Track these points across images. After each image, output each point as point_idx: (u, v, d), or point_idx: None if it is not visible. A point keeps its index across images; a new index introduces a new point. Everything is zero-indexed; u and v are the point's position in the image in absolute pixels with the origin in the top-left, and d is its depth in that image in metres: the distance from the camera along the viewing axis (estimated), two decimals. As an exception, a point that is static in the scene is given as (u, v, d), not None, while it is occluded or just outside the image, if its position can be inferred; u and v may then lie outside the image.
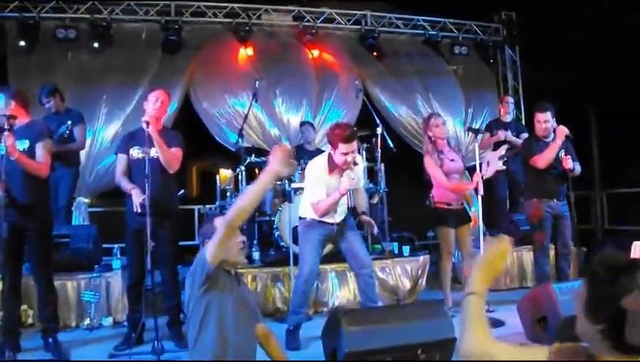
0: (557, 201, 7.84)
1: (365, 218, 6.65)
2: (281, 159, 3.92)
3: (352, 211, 6.65)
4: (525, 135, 10.50)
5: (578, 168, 7.80)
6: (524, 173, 8.44)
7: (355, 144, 6.14)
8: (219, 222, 4.19)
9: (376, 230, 6.97)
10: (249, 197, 4.01)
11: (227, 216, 4.03)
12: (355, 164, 6.26)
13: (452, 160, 7.54)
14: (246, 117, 9.39)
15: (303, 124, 10.61)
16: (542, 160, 7.64)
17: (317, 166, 6.37)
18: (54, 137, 7.32)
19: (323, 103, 11.76)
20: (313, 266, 6.44)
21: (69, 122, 8.15)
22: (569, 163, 7.63)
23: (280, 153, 3.93)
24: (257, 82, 9.40)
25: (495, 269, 2.68)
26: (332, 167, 6.21)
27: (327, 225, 6.39)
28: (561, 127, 7.62)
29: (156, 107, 6.47)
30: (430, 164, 7.55)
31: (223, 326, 3.99)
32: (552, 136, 7.74)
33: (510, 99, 11.14)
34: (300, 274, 6.47)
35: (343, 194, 6.15)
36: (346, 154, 6.04)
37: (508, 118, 10.86)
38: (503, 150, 8.47)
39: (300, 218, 6.59)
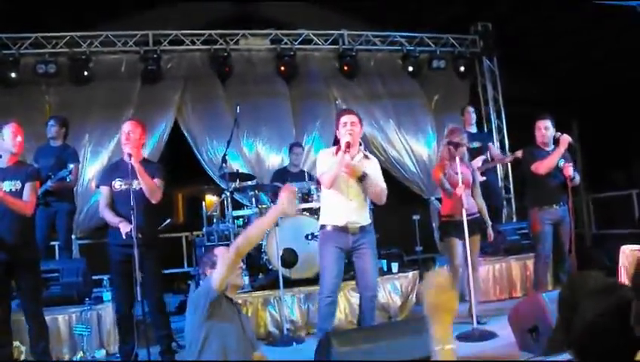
0: (557, 207, 7.90)
1: None
2: (289, 199, 4.34)
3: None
4: (491, 144, 10.63)
5: (577, 177, 7.89)
6: (525, 181, 8.46)
7: (353, 117, 6.32)
8: (219, 252, 4.36)
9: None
10: (257, 228, 4.48)
11: (237, 243, 4.27)
12: (367, 157, 6.47)
13: (457, 173, 7.56)
14: (229, 143, 9.38)
15: (293, 146, 10.55)
16: (543, 165, 7.71)
17: (326, 151, 6.65)
18: (54, 179, 7.54)
19: (304, 141, 11.79)
20: (333, 282, 6.29)
21: (72, 166, 8.16)
22: (570, 170, 7.69)
23: (287, 193, 4.34)
24: (238, 107, 9.41)
25: (448, 309, 2.45)
26: (339, 148, 6.26)
27: (344, 234, 6.25)
28: (565, 135, 7.72)
29: (128, 141, 6.47)
30: (436, 171, 7.79)
31: (226, 356, 4.05)
32: (552, 146, 7.85)
33: (471, 109, 11.08)
34: (321, 291, 6.38)
35: (346, 150, 6.09)
36: (345, 124, 6.23)
37: (473, 129, 10.87)
38: (479, 161, 8.53)
39: (320, 227, 6.50)
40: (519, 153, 9.44)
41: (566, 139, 7.66)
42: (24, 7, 10.34)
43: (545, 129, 7.87)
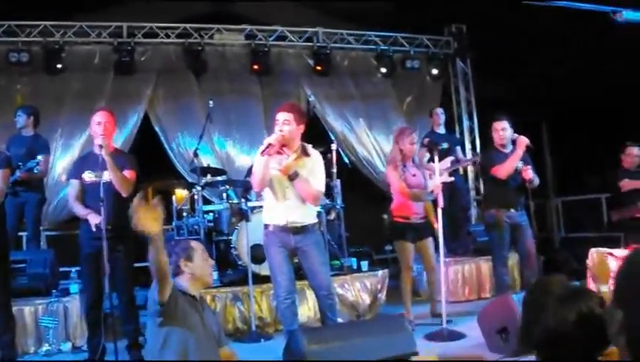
0: (515, 211, 7.79)
1: None
2: None
3: None
4: (459, 147, 10.68)
5: (537, 180, 7.80)
6: (483, 183, 8.46)
7: (286, 114, 6.08)
8: (197, 246, 4.32)
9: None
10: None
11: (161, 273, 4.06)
12: (307, 154, 6.20)
13: (413, 175, 7.57)
14: (201, 137, 9.37)
15: None
16: (503, 170, 7.61)
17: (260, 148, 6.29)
18: (23, 169, 7.40)
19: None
20: (285, 283, 6.13)
21: (40, 158, 8.05)
22: (529, 173, 7.63)
23: None
24: (211, 102, 9.38)
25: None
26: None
27: (284, 235, 6.11)
28: (522, 137, 7.63)
29: (100, 130, 6.37)
30: (392, 174, 7.59)
31: (186, 358, 4.01)
32: (511, 147, 7.78)
33: (440, 110, 11.21)
34: (277, 294, 6.27)
35: (264, 151, 5.89)
36: (277, 123, 6.07)
37: (441, 130, 11.00)
38: (447, 162, 8.53)
39: (264, 226, 6.31)
40: (477, 157, 9.44)
41: (523, 141, 7.60)
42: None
43: (502, 130, 7.80)
